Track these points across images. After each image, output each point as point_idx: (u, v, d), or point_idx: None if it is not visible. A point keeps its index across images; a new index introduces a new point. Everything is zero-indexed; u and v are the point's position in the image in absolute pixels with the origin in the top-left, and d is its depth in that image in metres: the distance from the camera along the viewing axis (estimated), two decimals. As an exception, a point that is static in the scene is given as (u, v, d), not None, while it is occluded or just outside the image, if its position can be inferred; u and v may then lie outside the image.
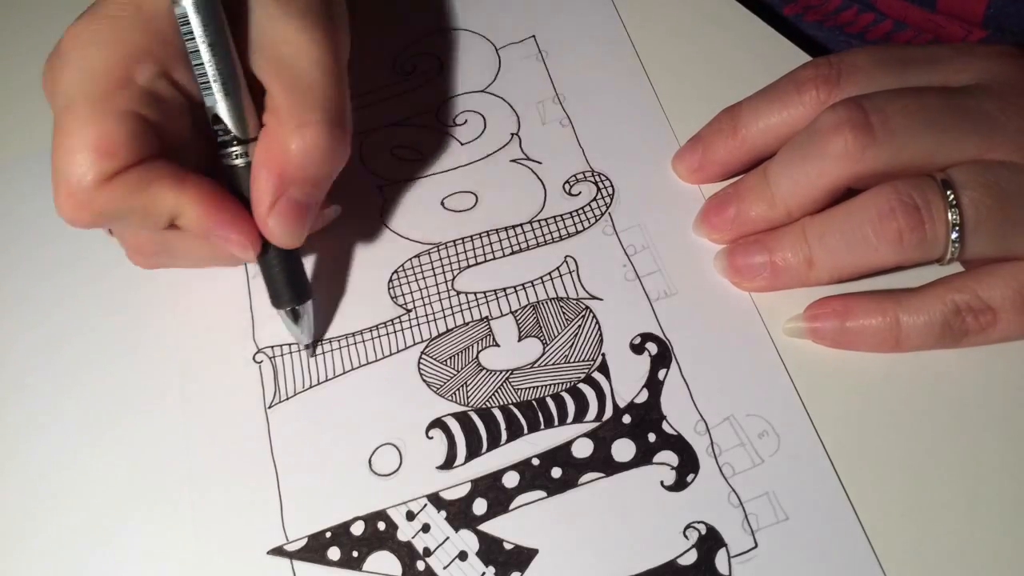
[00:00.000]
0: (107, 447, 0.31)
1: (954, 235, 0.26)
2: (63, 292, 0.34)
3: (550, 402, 0.30)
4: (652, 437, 0.28)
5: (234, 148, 0.28)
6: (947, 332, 0.27)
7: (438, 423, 0.30)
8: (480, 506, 0.28)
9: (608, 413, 0.29)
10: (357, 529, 0.28)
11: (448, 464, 0.29)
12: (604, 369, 0.30)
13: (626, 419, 0.29)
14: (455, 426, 0.29)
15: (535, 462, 0.29)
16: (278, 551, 0.28)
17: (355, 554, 0.28)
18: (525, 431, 0.29)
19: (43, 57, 0.27)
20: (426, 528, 0.28)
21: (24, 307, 0.34)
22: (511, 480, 0.28)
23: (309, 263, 0.33)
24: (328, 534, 0.28)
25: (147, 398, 0.31)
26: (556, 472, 0.28)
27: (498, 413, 0.30)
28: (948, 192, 0.26)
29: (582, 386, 0.30)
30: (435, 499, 0.28)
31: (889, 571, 0.26)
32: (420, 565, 0.27)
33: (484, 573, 0.27)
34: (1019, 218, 0.26)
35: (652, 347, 0.30)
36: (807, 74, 0.30)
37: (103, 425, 0.31)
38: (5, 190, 0.37)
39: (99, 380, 0.32)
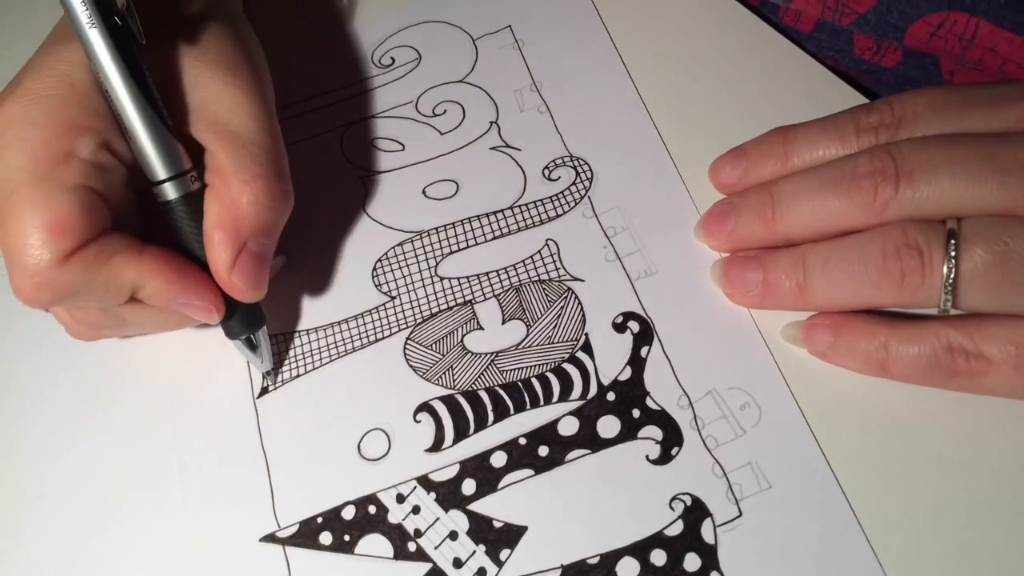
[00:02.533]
0: (99, 441, 0.31)
1: (947, 287, 0.26)
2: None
3: (535, 382, 0.30)
4: (636, 413, 0.29)
5: (168, 182, 0.27)
6: (935, 368, 0.26)
7: (425, 407, 0.30)
8: (469, 486, 0.29)
9: (592, 391, 0.30)
10: (348, 513, 0.29)
11: (436, 447, 0.29)
12: (587, 348, 0.30)
13: (610, 396, 0.29)
14: (442, 409, 0.30)
15: (522, 441, 0.29)
16: (270, 538, 0.28)
17: (347, 538, 0.28)
18: (511, 411, 0.30)
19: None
20: (416, 510, 0.28)
21: (14, 303, 0.34)
22: (499, 460, 0.29)
23: (293, 254, 0.33)
24: (319, 519, 0.29)
25: (136, 391, 0.32)
26: (543, 450, 0.29)
27: (484, 395, 0.30)
28: (951, 242, 0.26)
29: (566, 366, 0.30)
30: (424, 481, 0.29)
31: (870, 532, 0.26)
32: (411, 546, 0.28)
33: (475, 551, 0.27)
34: (1021, 278, 0.25)
35: (634, 325, 0.30)
36: (871, 120, 0.29)
37: (94, 419, 0.31)
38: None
39: (88, 375, 0.32)
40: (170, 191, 0.27)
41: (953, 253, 0.26)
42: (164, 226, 0.28)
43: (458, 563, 0.27)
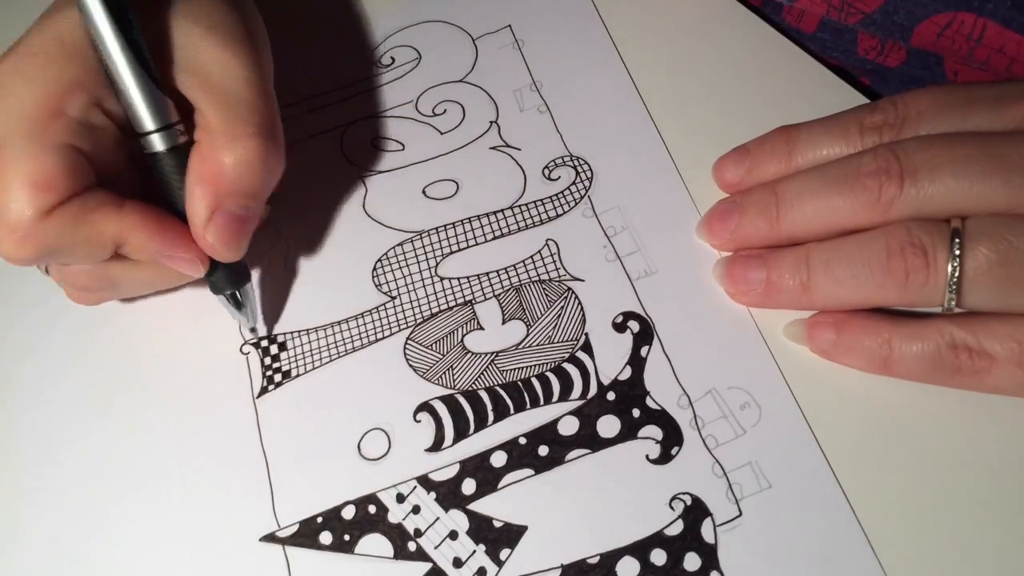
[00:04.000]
0: (99, 442, 0.31)
1: (951, 286, 0.26)
2: (53, 288, 0.34)
3: (535, 382, 0.30)
4: (636, 413, 0.29)
5: (154, 134, 0.27)
6: (939, 365, 0.26)
7: (425, 407, 0.30)
8: (469, 486, 0.29)
9: (592, 391, 0.30)
10: (348, 513, 0.29)
11: (436, 446, 0.29)
12: (588, 348, 0.30)
13: (610, 396, 0.29)
14: (442, 409, 0.30)
15: (522, 441, 0.29)
16: (270, 538, 0.28)
17: (347, 537, 0.28)
18: (511, 411, 0.30)
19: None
20: (416, 509, 0.28)
21: (15, 302, 0.34)
22: (499, 460, 0.29)
23: (293, 254, 0.33)
24: (319, 519, 0.29)
25: (137, 391, 0.32)
26: (543, 450, 0.29)
27: (484, 395, 0.30)
28: (956, 240, 0.26)
29: (566, 365, 0.30)
30: (424, 481, 0.29)
31: (870, 532, 0.26)
32: (411, 546, 0.28)
33: (475, 551, 0.27)
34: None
35: (634, 325, 0.30)
36: (875, 119, 0.29)
37: (94, 419, 0.31)
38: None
39: (90, 374, 0.32)
40: (156, 143, 0.28)
41: (957, 252, 0.26)
42: (154, 185, 0.29)
43: (458, 563, 0.27)
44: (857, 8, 0.31)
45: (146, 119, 0.27)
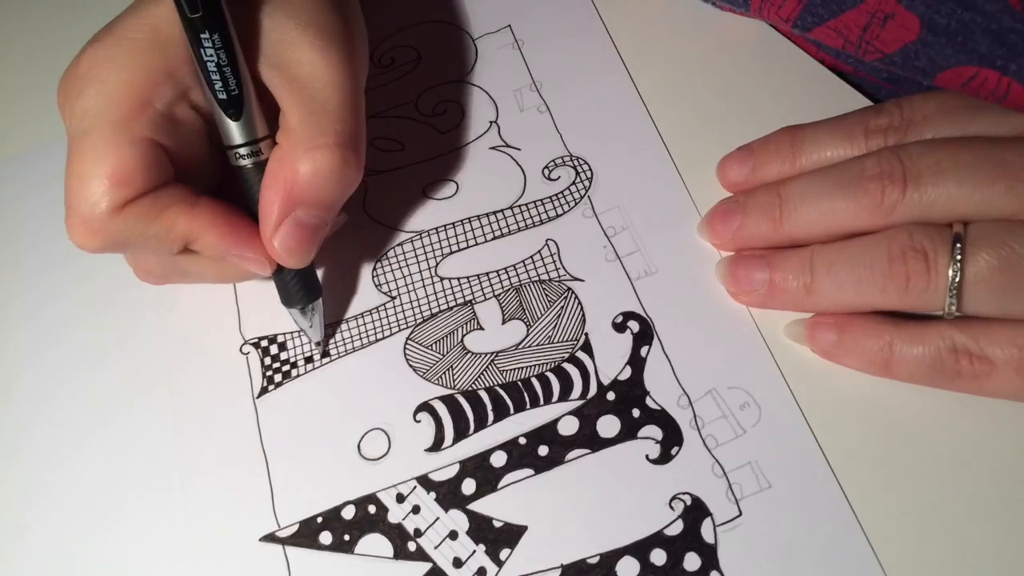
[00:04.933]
0: (99, 442, 0.31)
1: (951, 291, 0.26)
2: (55, 290, 0.34)
3: (535, 382, 0.30)
4: (636, 412, 0.29)
5: (239, 148, 0.28)
6: (939, 369, 0.27)
7: (425, 407, 0.30)
8: (469, 486, 0.29)
9: (592, 391, 0.30)
10: (348, 513, 0.29)
11: (436, 446, 0.29)
12: (587, 348, 0.30)
13: (610, 396, 0.29)
14: (442, 409, 0.30)
15: (522, 441, 0.29)
16: (270, 538, 0.28)
17: (347, 537, 0.28)
18: (511, 411, 0.30)
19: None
20: (416, 509, 0.28)
21: (17, 304, 0.34)
22: (499, 460, 0.29)
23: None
24: (319, 519, 0.29)
25: (137, 392, 0.32)
26: (543, 450, 0.29)
27: (484, 395, 0.30)
28: (957, 246, 0.26)
29: (566, 365, 0.30)
30: (424, 481, 0.29)
31: (870, 532, 0.26)
32: (411, 546, 0.28)
33: (475, 551, 0.27)
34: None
35: (634, 325, 0.30)
36: (880, 122, 0.29)
37: (95, 420, 0.31)
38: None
39: (90, 375, 0.32)
40: (240, 157, 0.28)
41: (959, 257, 0.26)
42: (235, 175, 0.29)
43: (458, 563, 0.27)
44: (875, 47, 0.31)
45: (234, 135, 0.27)
